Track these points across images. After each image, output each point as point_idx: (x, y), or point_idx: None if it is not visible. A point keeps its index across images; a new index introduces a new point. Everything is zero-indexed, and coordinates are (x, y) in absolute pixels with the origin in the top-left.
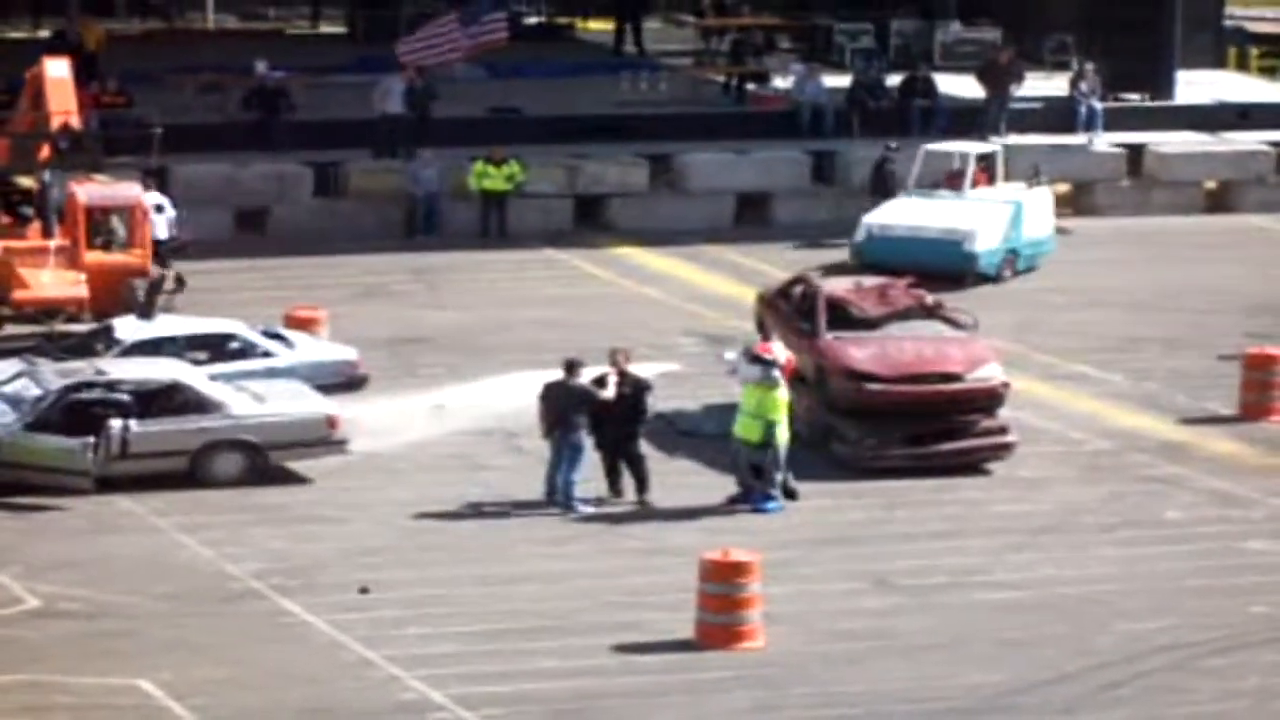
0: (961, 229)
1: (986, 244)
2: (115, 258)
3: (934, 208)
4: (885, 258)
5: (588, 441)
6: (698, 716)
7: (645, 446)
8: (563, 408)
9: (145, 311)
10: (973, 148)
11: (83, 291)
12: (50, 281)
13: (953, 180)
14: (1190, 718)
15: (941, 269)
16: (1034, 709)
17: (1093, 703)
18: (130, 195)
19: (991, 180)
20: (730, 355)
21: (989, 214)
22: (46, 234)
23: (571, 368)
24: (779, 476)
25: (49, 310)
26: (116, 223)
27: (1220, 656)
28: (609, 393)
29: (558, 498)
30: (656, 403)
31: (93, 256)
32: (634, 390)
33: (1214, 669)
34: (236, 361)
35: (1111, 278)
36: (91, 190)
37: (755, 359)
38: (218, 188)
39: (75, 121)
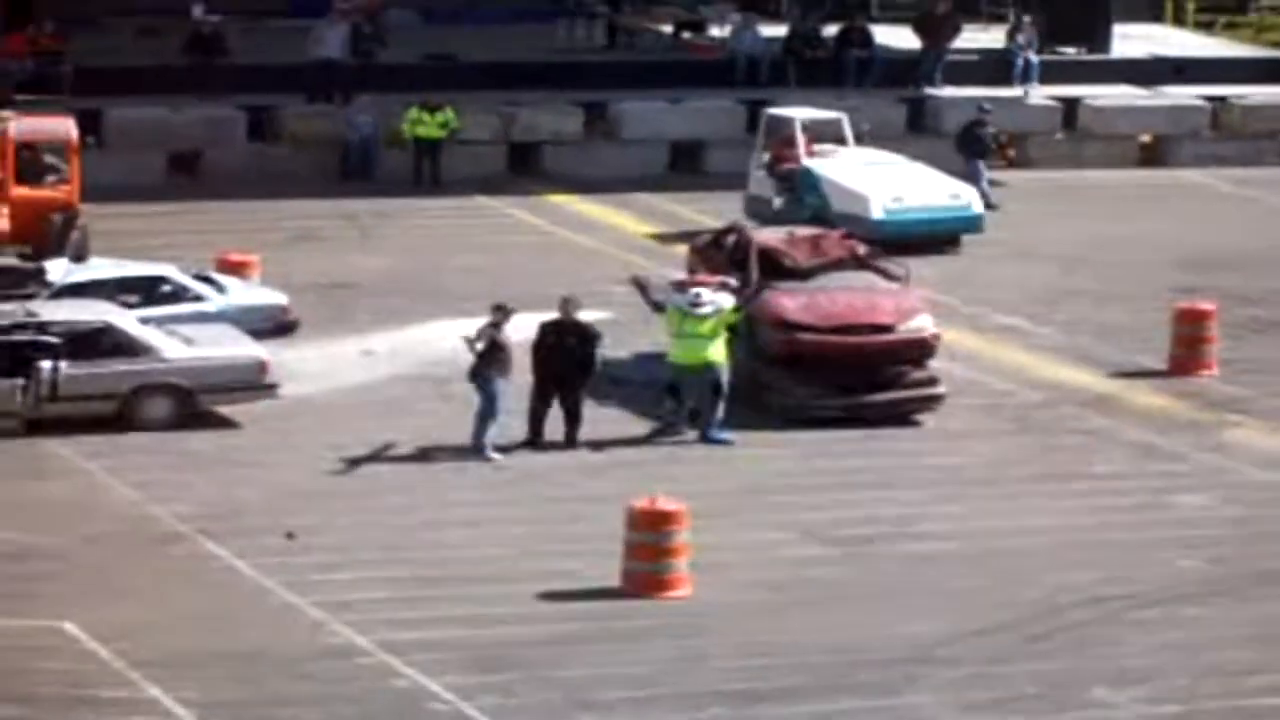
0: (962, 194)
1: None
2: (41, 192)
3: (903, 176)
4: (900, 232)
5: (496, 389)
6: (623, 664)
7: None
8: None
9: (64, 249)
10: (805, 113)
11: (4, 225)
12: None
13: (782, 145)
14: (1119, 670)
15: (951, 235)
16: (962, 660)
17: (1021, 654)
18: (61, 130)
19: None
20: (704, 295)
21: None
22: None
23: (497, 311)
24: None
25: None
26: (51, 157)
27: (1148, 609)
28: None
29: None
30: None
31: (19, 191)
32: (581, 340)
33: (1142, 621)
34: (167, 305)
35: (1044, 231)
36: (21, 124)
37: (722, 286)
38: (151, 131)
39: None
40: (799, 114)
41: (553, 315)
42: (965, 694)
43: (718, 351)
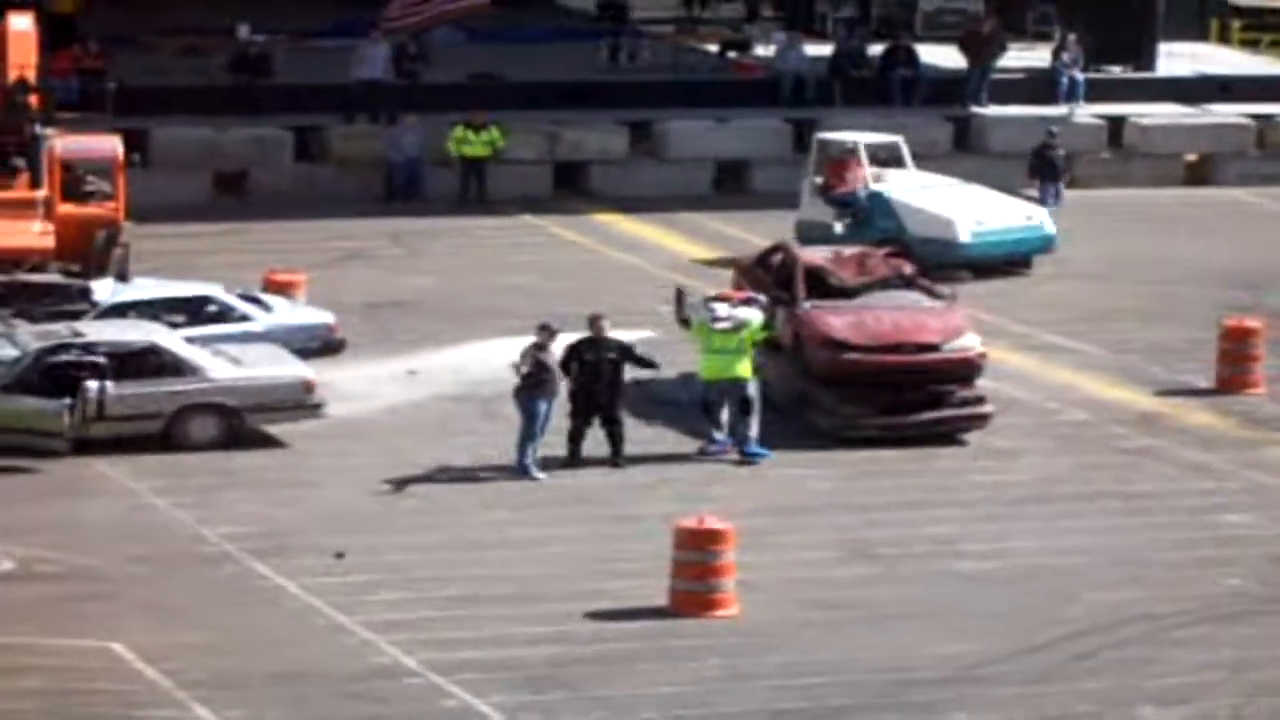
0: (1035, 215)
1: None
2: (87, 210)
3: (975, 199)
4: (985, 254)
5: (540, 408)
6: (670, 684)
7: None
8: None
9: (107, 266)
10: (864, 137)
11: (49, 241)
12: (15, 231)
13: (838, 169)
14: (1163, 689)
15: (1028, 255)
16: (1007, 679)
17: (1066, 673)
18: (106, 148)
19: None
20: (722, 309)
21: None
22: (35, 185)
23: (543, 331)
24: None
25: (13, 259)
26: (95, 176)
27: (1194, 628)
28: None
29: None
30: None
31: (65, 208)
32: (618, 355)
33: (1187, 640)
34: (213, 325)
35: (1090, 249)
36: (67, 142)
37: (745, 301)
38: (197, 151)
39: (31, 75)
40: (860, 138)
41: (582, 334)
42: (1012, 713)
43: (745, 367)
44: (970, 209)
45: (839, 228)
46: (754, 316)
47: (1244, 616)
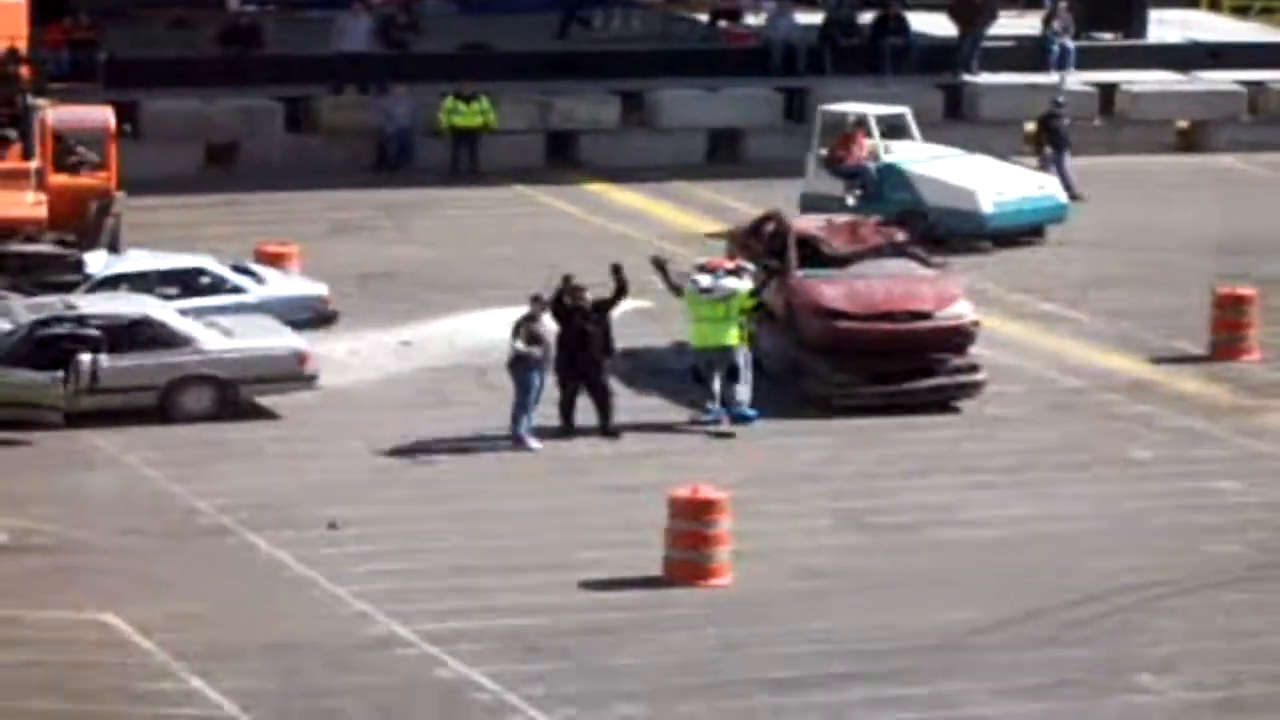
0: (1047, 185)
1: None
2: (79, 180)
3: (990, 169)
4: (1006, 224)
5: (534, 379)
6: (665, 653)
7: (614, 383)
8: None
9: (98, 236)
10: (871, 109)
11: (41, 212)
12: (8, 202)
13: (844, 140)
14: (1159, 657)
15: (1040, 225)
16: (1002, 646)
17: (1061, 640)
18: (99, 118)
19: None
20: (704, 279)
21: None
22: (27, 156)
23: (535, 303)
24: (750, 377)
25: (6, 230)
26: (85, 146)
27: (1189, 595)
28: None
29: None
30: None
31: (58, 178)
32: (595, 318)
33: (1182, 608)
34: (206, 296)
35: (1082, 217)
36: (59, 113)
37: (729, 272)
38: (187, 123)
39: (22, 46)
40: (868, 109)
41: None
42: (1008, 680)
43: (732, 335)
44: (988, 179)
45: (850, 200)
46: (741, 285)
47: (1238, 583)
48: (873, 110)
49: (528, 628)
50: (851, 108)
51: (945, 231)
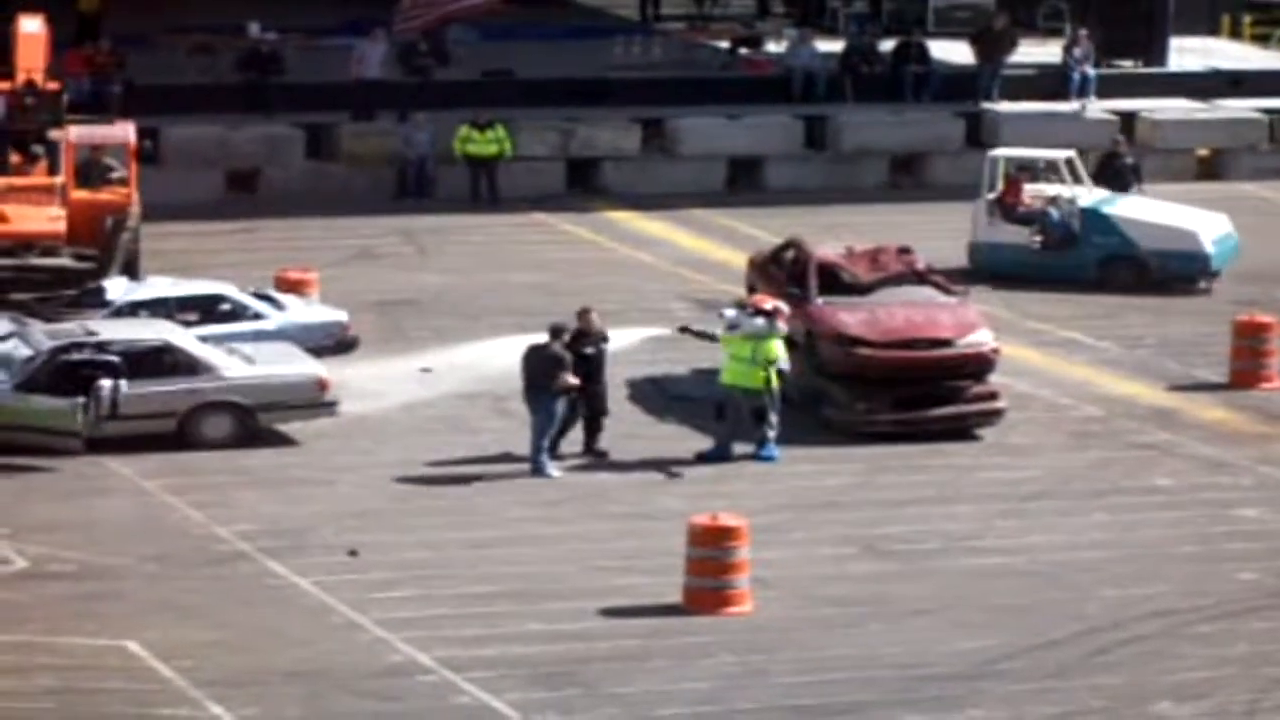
0: (1188, 229)
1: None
2: (99, 195)
3: (1179, 211)
4: (1220, 264)
5: (558, 408)
6: (684, 680)
7: (635, 411)
8: (533, 372)
9: (114, 251)
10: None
11: (60, 227)
12: (27, 216)
13: (1016, 186)
14: (1179, 684)
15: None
16: (1023, 675)
17: (1082, 668)
18: (120, 134)
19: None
20: (730, 313)
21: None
22: (52, 172)
23: (556, 333)
24: (776, 420)
25: (25, 244)
26: (110, 161)
27: (1209, 623)
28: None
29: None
30: (646, 367)
31: (78, 194)
32: (599, 348)
33: (1203, 636)
34: (226, 323)
35: None
36: (81, 129)
37: (758, 311)
38: (209, 150)
39: (39, 78)
40: (1046, 154)
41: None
42: (1028, 708)
43: (760, 377)
44: (1196, 219)
45: (1038, 246)
46: (766, 328)
47: (1259, 611)
48: (1044, 154)
49: (547, 655)
50: (1027, 153)
51: (1163, 274)
